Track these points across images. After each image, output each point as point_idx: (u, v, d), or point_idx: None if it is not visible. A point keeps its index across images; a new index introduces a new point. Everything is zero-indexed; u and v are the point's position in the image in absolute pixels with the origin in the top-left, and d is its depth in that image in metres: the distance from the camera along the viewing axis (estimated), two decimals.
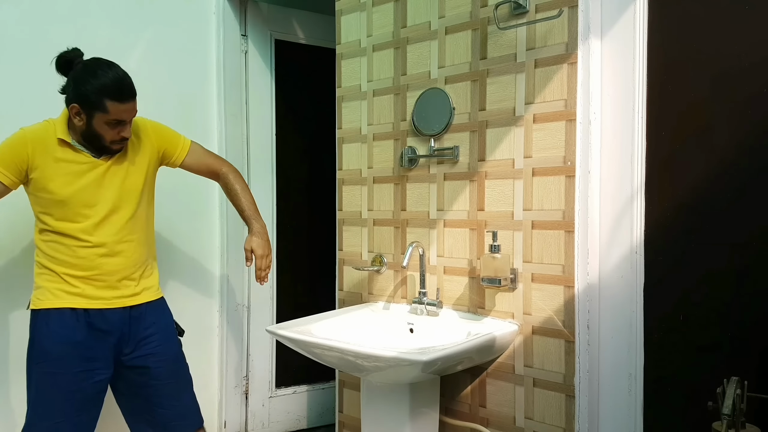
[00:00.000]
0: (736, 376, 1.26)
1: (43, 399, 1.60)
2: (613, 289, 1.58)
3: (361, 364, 1.52)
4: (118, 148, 1.65)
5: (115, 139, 1.61)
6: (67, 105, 1.60)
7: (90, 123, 1.57)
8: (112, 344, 1.67)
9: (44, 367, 1.59)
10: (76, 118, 1.58)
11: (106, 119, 1.56)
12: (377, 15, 2.02)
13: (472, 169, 1.78)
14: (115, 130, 1.59)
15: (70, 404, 1.61)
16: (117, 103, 1.56)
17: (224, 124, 2.47)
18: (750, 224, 1.39)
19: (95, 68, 1.58)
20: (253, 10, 2.59)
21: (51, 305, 1.61)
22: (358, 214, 2.10)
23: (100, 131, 1.58)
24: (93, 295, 1.64)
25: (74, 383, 1.61)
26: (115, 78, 1.57)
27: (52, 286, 1.62)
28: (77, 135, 1.62)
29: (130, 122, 1.63)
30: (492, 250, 1.66)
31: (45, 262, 1.64)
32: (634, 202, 1.54)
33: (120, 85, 1.58)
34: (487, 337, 1.58)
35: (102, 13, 2.20)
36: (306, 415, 2.81)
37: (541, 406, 1.64)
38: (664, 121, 1.51)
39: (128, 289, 1.69)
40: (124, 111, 1.59)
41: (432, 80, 1.87)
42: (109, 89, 1.55)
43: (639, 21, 1.52)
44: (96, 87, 1.54)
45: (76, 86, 1.57)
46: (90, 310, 1.63)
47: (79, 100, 1.56)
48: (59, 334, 1.60)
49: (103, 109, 1.55)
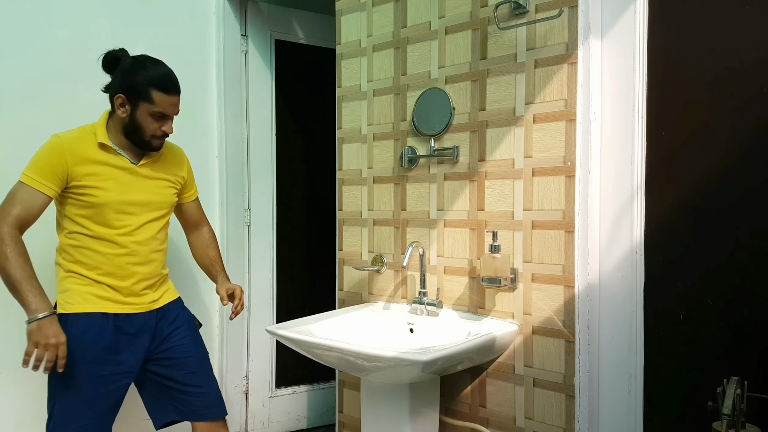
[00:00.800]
0: (736, 376, 1.26)
1: (69, 404, 1.60)
2: (613, 289, 1.58)
3: (361, 364, 1.52)
4: (157, 145, 1.67)
5: (156, 134, 1.64)
6: (112, 97, 1.62)
7: (134, 114, 1.60)
8: (141, 346, 1.69)
9: (72, 371, 1.58)
10: (120, 109, 1.60)
11: (151, 110, 1.60)
12: (377, 15, 2.02)
13: (472, 169, 1.78)
14: (157, 124, 1.62)
15: (96, 408, 1.62)
16: (163, 95, 1.60)
17: (224, 124, 2.47)
18: (750, 224, 1.39)
19: (143, 61, 1.63)
20: (253, 10, 2.59)
21: (81, 309, 1.61)
22: (358, 214, 2.10)
23: (143, 123, 1.61)
24: (122, 300, 1.65)
25: (101, 387, 1.62)
26: (162, 71, 1.63)
27: (83, 290, 1.62)
28: (117, 136, 1.64)
29: (172, 119, 1.66)
30: (492, 250, 1.66)
31: (72, 266, 1.63)
32: (634, 202, 1.54)
33: (167, 77, 1.63)
34: (487, 337, 1.58)
35: (102, 13, 2.20)
36: (306, 415, 2.81)
37: (541, 406, 1.64)
38: (664, 121, 1.51)
39: (150, 296, 1.72)
40: (169, 104, 1.63)
41: (432, 80, 1.87)
42: (157, 80, 1.59)
43: (639, 21, 1.52)
44: (144, 77, 1.58)
45: (123, 77, 1.60)
46: (119, 315, 1.65)
47: (126, 90, 1.59)
48: (89, 339, 1.60)
49: (149, 100, 1.59)
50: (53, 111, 2.10)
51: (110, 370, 1.63)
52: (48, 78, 2.09)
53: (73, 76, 2.14)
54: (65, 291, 1.63)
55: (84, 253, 1.62)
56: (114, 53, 1.66)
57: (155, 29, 2.32)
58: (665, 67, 1.51)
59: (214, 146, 2.48)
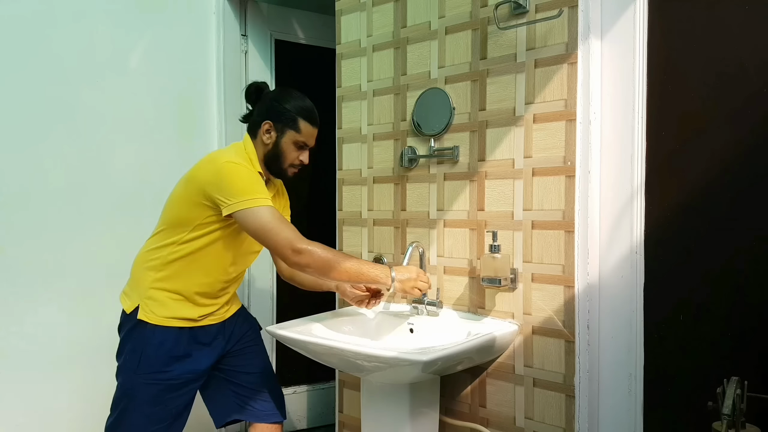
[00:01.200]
0: (736, 376, 1.26)
1: (144, 409, 1.61)
2: (613, 289, 1.58)
3: (361, 364, 1.52)
4: (293, 173, 1.73)
5: (295, 163, 1.70)
6: (256, 124, 1.68)
7: (278, 141, 1.66)
8: (214, 352, 1.72)
9: (149, 378, 1.60)
10: (266, 135, 1.66)
11: (295, 139, 1.67)
12: (377, 15, 2.02)
13: (472, 169, 1.78)
14: (297, 153, 1.69)
15: (170, 414, 1.65)
16: (309, 125, 1.68)
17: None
18: (750, 224, 1.39)
19: (291, 91, 1.71)
20: (253, 10, 2.59)
21: (164, 324, 1.62)
22: (358, 214, 2.10)
23: (286, 151, 1.67)
24: (201, 320, 1.68)
25: (174, 392, 1.64)
26: (309, 103, 1.70)
27: (172, 306, 1.62)
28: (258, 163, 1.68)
29: (308, 150, 1.72)
30: (492, 250, 1.66)
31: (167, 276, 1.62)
32: (634, 202, 1.54)
33: (313, 109, 1.71)
34: (487, 337, 1.58)
35: (103, 14, 2.20)
36: (306, 415, 2.82)
37: (541, 406, 1.64)
38: (664, 121, 1.51)
39: (224, 308, 1.75)
40: (311, 135, 1.70)
41: (432, 80, 1.87)
42: (305, 110, 1.67)
43: (639, 21, 1.52)
44: (294, 106, 1.66)
45: (272, 105, 1.67)
46: (194, 327, 1.67)
47: (274, 117, 1.66)
48: (166, 347, 1.61)
49: (296, 128, 1.66)
50: (53, 111, 2.10)
51: (185, 378, 1.65)
52: (48, 78, 2.09)
53: (74, 76, 2.14)
54: (152, 300, 1.62)
55: (189, 269, 1.62)
56: (257, 84, 1.74)
57: (155, 29, 2.32)
58: (665, 67, 1.51)
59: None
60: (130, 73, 2.28)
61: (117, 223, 2.24)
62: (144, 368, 1.60)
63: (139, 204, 2.29)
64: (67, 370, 2.15)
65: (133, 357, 1.62)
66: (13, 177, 2.04)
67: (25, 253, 2.05)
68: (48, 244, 2.10)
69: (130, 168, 2.28)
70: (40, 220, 2.08)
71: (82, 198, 2.17)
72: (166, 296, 1.63)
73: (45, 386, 2.10)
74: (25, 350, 2.06)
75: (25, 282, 2.06)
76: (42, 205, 2.08)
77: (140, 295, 1.64)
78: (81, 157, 2.16)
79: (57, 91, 2.11)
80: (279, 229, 1.50)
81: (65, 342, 2.14)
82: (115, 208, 2.24)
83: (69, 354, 2.15)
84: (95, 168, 2.19)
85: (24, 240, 2.05)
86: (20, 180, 2.04)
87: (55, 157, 2.11)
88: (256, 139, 1.68)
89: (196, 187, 1.57)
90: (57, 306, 2.12)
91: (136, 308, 1.63)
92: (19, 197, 2.04)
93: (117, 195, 2.25)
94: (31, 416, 2.08)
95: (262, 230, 1.50)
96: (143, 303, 1.62)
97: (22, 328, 2.06)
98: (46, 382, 2.10)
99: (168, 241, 1.63)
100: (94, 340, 2.19)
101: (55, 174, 2.11)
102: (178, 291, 1.63)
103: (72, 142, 2.14)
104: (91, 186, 2.19)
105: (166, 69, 2.36)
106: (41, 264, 2.09)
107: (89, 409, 2.18)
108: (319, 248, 1.51)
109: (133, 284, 1.68)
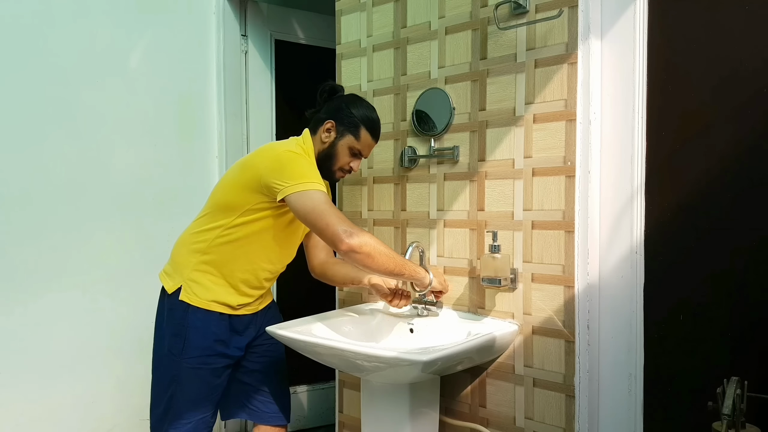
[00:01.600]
0: (736, 376, 1.26)
1: (190, 396, 1.64)
2: (613, 289, 1.58)
3: (361, 364, 1.52)
4: (339, 177, 1.74)
5: (345, 168, 1.72)
6: (320, 121, 1.71)
7: (335, 143, 1.68)
8: (245, 339, 1.74)
9: (194, 362, 1.63)
10: (325, 134, 1.69)
11: (352, 145, 1.69)
12: (377, 15, 2.02)
13: (472, 169, 1.78)
14: (349, 159, 1.71)
15: (213, 399, 1.69)
16: (369, 136, 1.70)
17: (224, 124, 2.47)
18: (750, 223, 1.39)
19: (364, 101, 1.75)
20: (253, 10, 2.59)
21: (206, 306, 1.64)
22: (358, 214, 2.10)
23: (340, 153, 1.69)
24: (240, 308, 1.70)
25: (216, 378, 1.67)
26: (376, 116, 1.74)
27: (215, 290, 1.65)
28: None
29: (360, 160, 1.74)
30: (492, 250, 1.66)
31: (212, 261, 1.64)
32: (634, 202, 1.54)
33: (379, 124, 1.74)
34: (487, 337, 1.58)
35: (103, 14, 2.20)
36: (306, 415, 2.82)
37: (541, 406, 1.64)
38: (664, 121, 1.51)
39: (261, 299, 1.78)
40: (369, 147, 1.73)
41: (432, 80, 1.87)
42: (370, 121, 1.71)
43: (639, 21, 1.52)
44: (362, 114, 1.69)
45: (341, 107, 1.70)
46: (233, 315, 1.69)
47: (339, 118, 1.68)
48: (209, 331, 1.64)
49: (357, 135, 1.69)
50: (53, 111, 2.10)
51: (224, 362, 1.68)
52: (48, 78, 2.09)
53: (74, 76, 2.14)
54: (195, 282, 1.64)
55: (235, 255, 1.64)
56: (333, 85, 1.77)
57: (155, 29, 2.32)
58: (665, 67, 1.51)
59: (214, 146, 2.49)
60: (130, 73, 2.28)
61: (117, 223, 2.24)
62: (189, 352, 1.62)
63: (139, 204, 2.29)
64: (67, 370, 2.15)
65: (177, 341, 1.63)
66: (14, 177, 2.04)
67: (25, 253, 2.05)
68: (48, 244, 2.10)
69: (130, 168, 2.28)
70: (40, 219, 2.08)
71: (83, 198, 2.17)
72: (210, 280, 1.64)
73: (45, 386, 2.10)
74: (26, 350, 2.06)
75: (26, 282, 2.06)
76: (42, 204, 2.08)
77: (183, 276, 1.65)
78: (81, 156, 2.16)
79: (57, 91, 2.11)
80: (332, 211, 1.50)
81: (65, 342, 2.14)
82: (115, 208, 2.24)
83: (69, 354, 2.15)
84: (95, 168, 2.20)
85: (24, 240, 2.05)
86: (20, 180, 2.04)
87: (56, 156, 2.11)
88: (315, 136, 1.70)
89: (253, 172, 1.58)
90: (57, 306, 2.12)
91: (178, 289, 1.64)
92: (20, 197, 2.04)
93: (117, 195, 2.25)
94: (31, 417, 2.08)
95: (314, 212, 1.48)
96: (186, 284, 1.64)
97: (22, 329, 2.06)
98: (47, 382, 2.10)
99: (214, 225, 1.64)
100: (94, 340, 2.20)
101: (56, 174, 2.11)
102: (223, 275, 1.65)
103: (72, 142, 2.14)
104: (91, 186, 2.19)
105: (166, 69, 2.36)
106: (41, 264, 2.09)
107: (90, 409, 2.19)
108: (369, 235, 1.52)
109: (174, 265, 1.69)
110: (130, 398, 2.28)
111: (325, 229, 1.48)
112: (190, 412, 1.65)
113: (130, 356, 2.27)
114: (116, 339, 2.25)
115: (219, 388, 1.70)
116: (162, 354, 1.67)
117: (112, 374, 2.24)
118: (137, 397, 2.27)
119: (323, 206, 1.49)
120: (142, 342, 2.29)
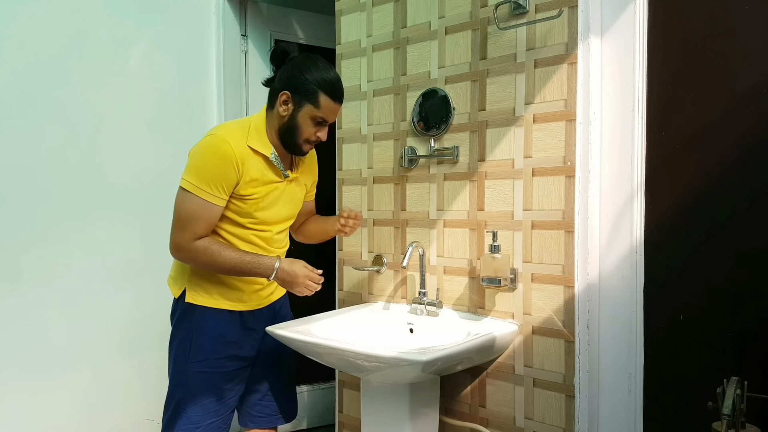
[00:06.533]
0: (736, 376, 1.26)
1: (202, 400, 1.60)
2: (613, 289, 1.58)
3: (361, 364, 1.52)
4: (307, 150, 1.62)
5: (311, 139, 1.59)
6: (275, 93, 1.57)
7: (295, 114, 1.54)
8: (258, 338, 1.70)
9: (201, 366, 1.59)
10: (282, 107, 1.55)
11: (313, 114, 1.54)
12: (377, 15, 2.02)
13: (472, 169, 1.78)
14: (314, 129, 1.57)
15: (227, 402, 1.65)
16: (330, 101, 1.54)
17: None
18: (750, 223, 1.39)
19: (317, 61, 1.55)
20: (253, 10, 2.59)
21: (212, 305, 1.61)
22: None
23: (302, 125, 1.55)
24: (248, 299, 1.66)
25: (229, 381, 1.64)
26: (335, 76, 1.56)
27: (212, 289, 1.62)
28: (270, 134, 1.59)
29: (327, 126, 1.60)
30: (492, 250, 1.66)
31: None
32: (634, 202, 1.54)
33: (338, 84, 1.56)
34: (487, 337, 1.58)
35: (103, 13, 2.20)
36: (306, 415, 2.81)
37: (541, 406, 1.64)
38: (664, 121, 1.51)
39: (268, 290, 1.72)
40: (333, 112, 1.57)
41: (432, 80, 1.87)
42: (327, 84, 1.53)
43: (639, 21, 1.52)
44: (316, 78, 1.52)
45: (292, 74, 1.53)
46: (244, 312, 1.66)
47: (293, 87, 1.53)
48: (217, 333, 1.61)
49: (315, 102, 1.53)
50: (53, 110, 2.10)
51: (236, 365, 1.65)
52: (48, 78, 2.09)
53: (74, 76, 2.14)
54: (194, 283, 1.61)
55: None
56: (284, 47, 1.60)
57: (155, 29, 2.32)
58: (665, 67, 1.51)
59: None
60: (130, 73, 2.28)
61: (117, 223, 2.24)
62: (195, 355, 1.59)
63: (138, 203, 2.29)
64: (68, 370, 2.14)
65: (183, 345, 1.61)
66: (14, 176, 2.04)
67: (25, 253, 2.05)
68: (48, 243, 2.10)
69: (130, 168, 2.28)
70: (40, 219, 2.08)
71: (82, 197, 2.17)
72: (207, 279, 1.62)
73: (45, 386, 2.10)
74: (25, 350, 2.06)
75: (26, 281, 2.06)
76: (42, 204, 2.08)
77: (185, 278, 1.63)
78: (81, 156, 2.16)
79: (57, 91, 2.11)
80: (187, 221, 1.49)
81: (66, 342, 2.14)
82: (115, 207, 2.24)
83: (69, 354, 2.15)
84: (95, 167, 2.19)
85: (24, 240, 2.05)
86: (20, 180, 2.04)
87: (56, 156, 2.11)
88: (273, 110, 1.58)
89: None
90: (57, 305, 2.12)
91: (183, 292, 1.62)
92: (20, 197, 2.04)
93: (117, 194, 2.24)
94: (31, 417, 2.07)
95: (176, 213, 1.52)
96: (189, 286, 1.62)
97: (22, 329, 2.06)
98: (47, 383, 2.10)
99: None
100: (94, 340, 2.20)
101: (55, 173, 2.11)
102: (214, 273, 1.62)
103: (72, 141, 2.14)
104: (91, 185, 2.18)
105: (166, 69, 2.36)
106: (41, 263, 2.09)
107: (90, 408, 2.19)
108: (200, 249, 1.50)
109: (177, 268, 1.67)
110: (131, 398, 2.28)
111: (171, 231, 1.53)
112: (199, 416, 1.60)
113: (130, 356, 2.27)
114: (116, 339, 2.25)
115: (231, 392, 1.65)
116: (170, 358, 1.66)
117: (112, 374, 2.24)
118: (138, 396, 2.27)
119: (184, 213, 1.50)
120: (142, 342, 2.29)
